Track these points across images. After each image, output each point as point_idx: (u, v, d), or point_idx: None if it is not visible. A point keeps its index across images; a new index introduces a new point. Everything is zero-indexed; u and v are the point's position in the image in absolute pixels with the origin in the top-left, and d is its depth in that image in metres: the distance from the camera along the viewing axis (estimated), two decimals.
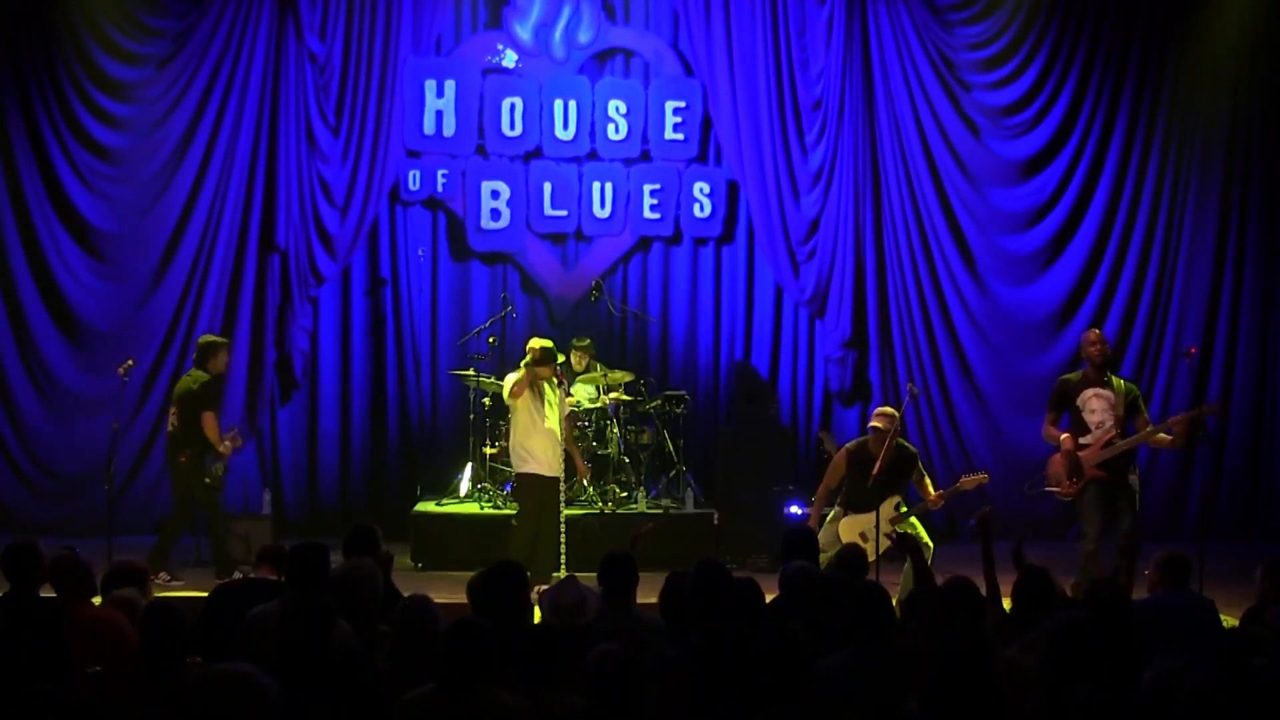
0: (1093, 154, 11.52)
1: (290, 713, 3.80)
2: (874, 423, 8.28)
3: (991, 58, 11.38)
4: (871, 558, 7.85)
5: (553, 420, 9.11)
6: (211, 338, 9.74)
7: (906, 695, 4.13)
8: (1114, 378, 8.63)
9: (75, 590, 5.27)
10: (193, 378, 9.37)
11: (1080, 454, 8.29)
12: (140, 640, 4.48)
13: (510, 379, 9.16)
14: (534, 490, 9.08)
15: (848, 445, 8.68)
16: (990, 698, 3.84)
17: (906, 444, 8.49)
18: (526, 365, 9.07)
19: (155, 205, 11.02)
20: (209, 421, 9.25)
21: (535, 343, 9.20)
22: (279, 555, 5.84)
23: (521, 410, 9.08)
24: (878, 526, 7.93)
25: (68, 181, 10.94)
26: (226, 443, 9.34)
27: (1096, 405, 8.36)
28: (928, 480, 8.44)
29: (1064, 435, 8.42)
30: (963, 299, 11.44)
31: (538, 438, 9.06)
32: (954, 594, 4.97)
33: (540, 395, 9.08)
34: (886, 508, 8.10)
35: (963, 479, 8.42)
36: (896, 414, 8.31)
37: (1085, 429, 8.39)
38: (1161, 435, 8.37)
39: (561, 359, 9.27)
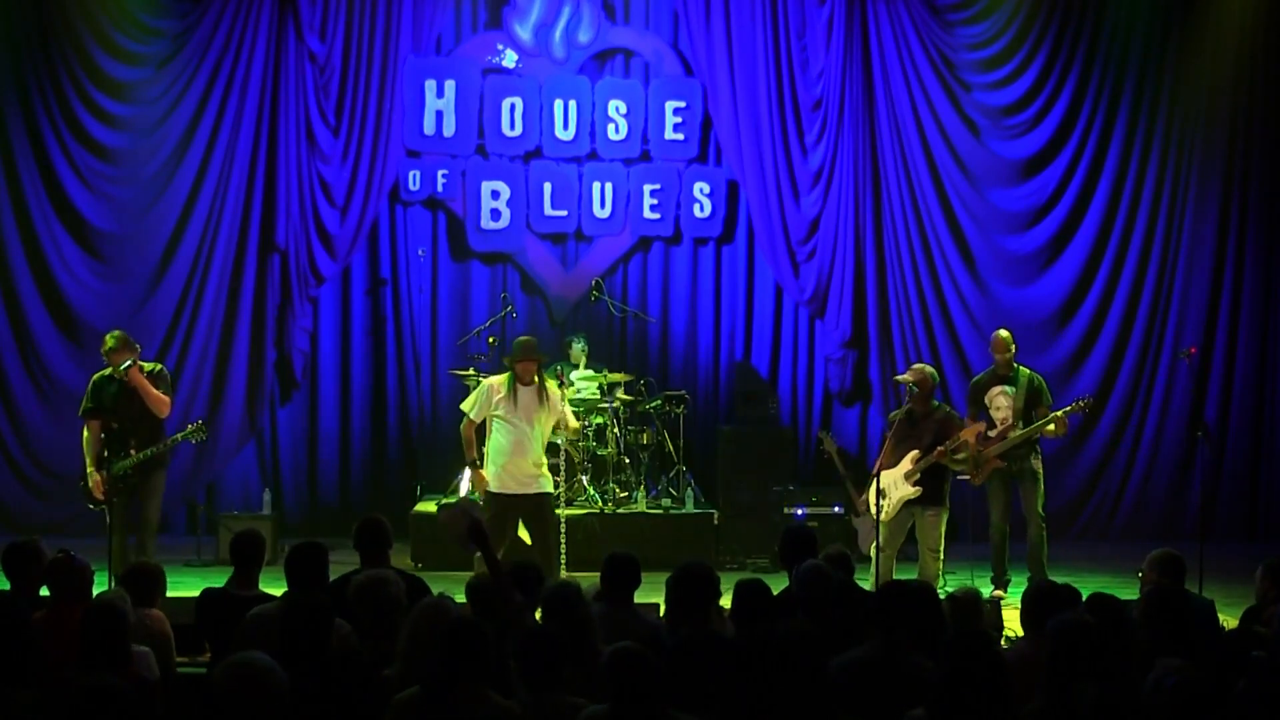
0: (1093, 154, 11.51)
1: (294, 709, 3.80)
2: (905, 377, 8.71)
3: (991, 58, 11.38)
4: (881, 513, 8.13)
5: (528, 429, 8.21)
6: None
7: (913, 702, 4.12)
8: (1020, 369, 9.02)
9: (70, 594, 5.25)
10: None
11: (984, 448, 8.70)
12: (81, 639, 4.48)
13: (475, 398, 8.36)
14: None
15: (892, 414, 9.01)
16: (1002, 701, 3.83)
17: (941, 405, 8.74)
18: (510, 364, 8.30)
19: (155, 205, 11.03)
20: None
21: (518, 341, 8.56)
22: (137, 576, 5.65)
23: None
24: (877, 493, 8.06)
25: (68, 181, 10.95)
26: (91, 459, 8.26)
27: (1002, 402, 8.92)
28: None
29: (972, 427, 8.79)
30: (963, 299, 11.44)
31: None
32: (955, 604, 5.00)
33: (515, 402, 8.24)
34: (905, 463, 8.31)
35: (962, 432, 8.68)
36: (927, 368, 8.76)
37: (994, 424, 8.89)
38: (1049, 427, 8.81)
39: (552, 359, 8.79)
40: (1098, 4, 11.42)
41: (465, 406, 8.56)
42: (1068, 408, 8.90)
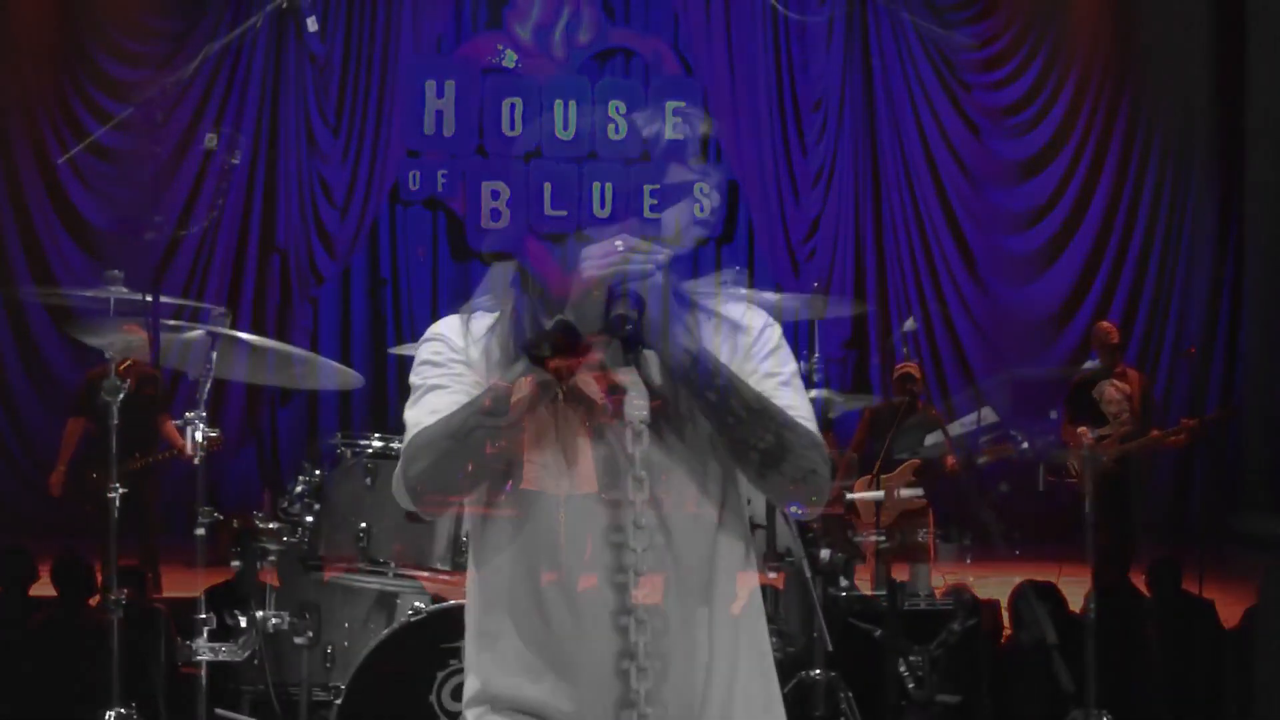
0: (1093, 154, 11.52)
1: None
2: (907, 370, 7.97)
3: (991, 58, 11.39)
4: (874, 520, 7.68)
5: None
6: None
7: None
8: (1126, 369, 8.34)
9: (75, 590, 5.28)
10: None
11: (1100, 447, 7.50)
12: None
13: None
14: None
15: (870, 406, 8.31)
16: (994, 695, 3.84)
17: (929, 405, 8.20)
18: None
19: (155, 205, 11.02)
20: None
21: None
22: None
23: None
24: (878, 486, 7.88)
25: (68, 181, 10.95)
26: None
27: (1114, 394, 7.93)
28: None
29: (1080, 430, 7.53)
30: (963, 299, 11.45)
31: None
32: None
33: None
34: (904, 471, 7.83)
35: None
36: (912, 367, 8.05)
37: (1103, 421, 7.89)
38: (1174, 438, 8.09)
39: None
40: (1098, 4, 11.42)
41: None
42: (1209, 417, 8.03)
